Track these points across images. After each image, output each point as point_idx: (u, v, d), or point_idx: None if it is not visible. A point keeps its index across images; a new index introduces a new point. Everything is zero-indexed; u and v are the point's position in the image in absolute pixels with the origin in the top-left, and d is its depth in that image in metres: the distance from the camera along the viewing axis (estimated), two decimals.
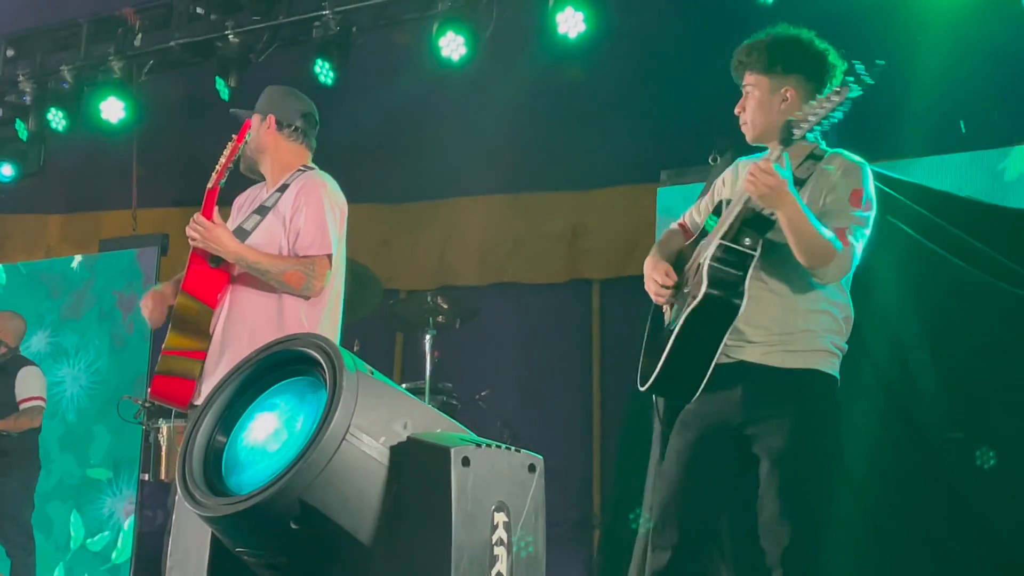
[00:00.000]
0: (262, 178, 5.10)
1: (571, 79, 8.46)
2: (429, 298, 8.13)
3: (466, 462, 2.96)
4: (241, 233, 4.87)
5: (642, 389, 4.23)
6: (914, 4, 7.01)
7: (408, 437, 3.06)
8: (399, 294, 9.97)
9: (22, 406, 8.18)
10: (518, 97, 8.58)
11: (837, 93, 3.92)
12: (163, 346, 4.79)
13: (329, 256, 4.77)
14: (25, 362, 8.51)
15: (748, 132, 4.28)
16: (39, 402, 8.32)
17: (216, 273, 4.79)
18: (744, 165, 4.30)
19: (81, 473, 9.31)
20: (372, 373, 3.11)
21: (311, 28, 8.01)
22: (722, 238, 3.98)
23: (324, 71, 7.91)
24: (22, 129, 9.19)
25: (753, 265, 3.96)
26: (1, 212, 10.88)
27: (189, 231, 4.73)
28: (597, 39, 7.32)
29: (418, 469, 3.00)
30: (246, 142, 4.86)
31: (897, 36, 7.19)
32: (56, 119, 8.93)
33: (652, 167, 7.99)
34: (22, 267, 10.16)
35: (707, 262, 3.96)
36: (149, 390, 5.45)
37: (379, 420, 3.05)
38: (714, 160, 6.74)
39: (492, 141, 9.22)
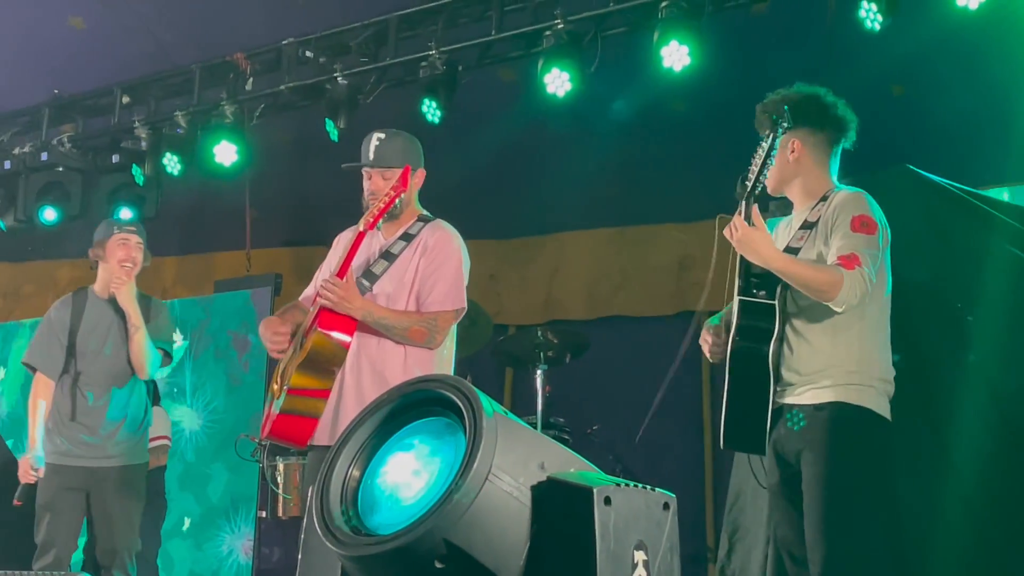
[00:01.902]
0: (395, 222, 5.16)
1: (676, 112, 8.47)
2: (539, 333, 8.17)
3: (608, 501, 2.99)
4: (370, 276, 4.96)
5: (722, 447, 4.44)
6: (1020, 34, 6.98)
7: (547, 477, 3.10)
8: (508, 329, 10.01)
9: (151, 445, 8.32)
10: (623, 131, 8.61)
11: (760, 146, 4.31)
12: (288, 386, 4.85)
13: (456, 311, 4.86)
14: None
15: (768, 184, 4.52)
16: (165, 441, 8.47)
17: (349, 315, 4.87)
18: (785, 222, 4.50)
19: (200, 511, 9.43)
20: (507, 414, 3.16)
21: (418, 68, 8.10)
22: (739, 295, 4.26)
23: (431, 110, 7.99)
24: (139, 174, 9.38)
25: (779, 312, 4.20)
26: None
27: (323, 291, 4.82)
28: (702, 72, 7.31)
29: (560, 508, 3.03)
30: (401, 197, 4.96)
31: (1006, 63, 7.15)
32: (171, 163, 9.10)
33: (760, 198, 7.96)
34: None
35: (735, 320, 4.25)
36: (268, 428, 5.54)
37: (518, 460, 3.09)
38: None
39: (598, 175, 9.26)
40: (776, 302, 4.23)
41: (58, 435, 6.27)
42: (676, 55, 7.25)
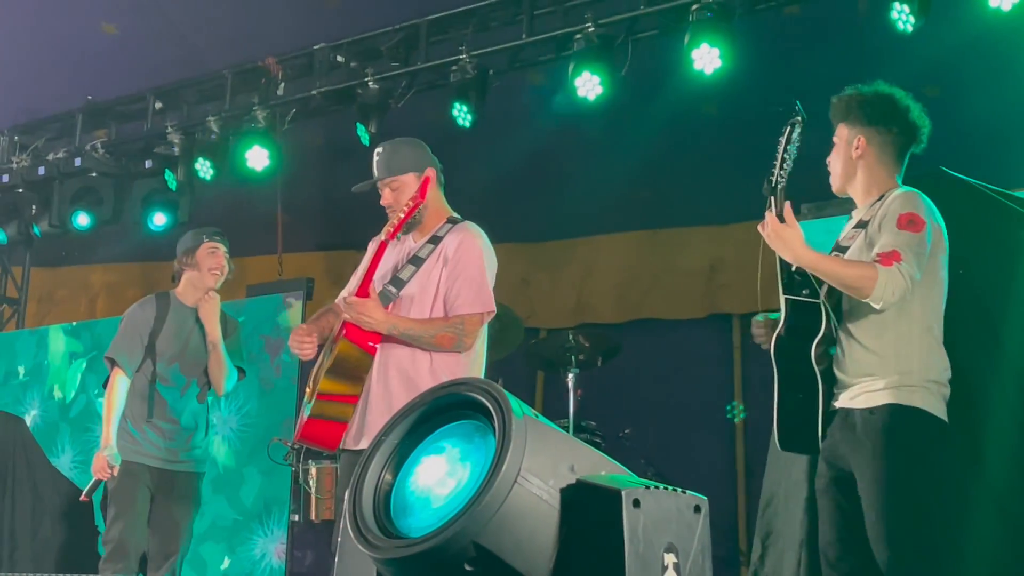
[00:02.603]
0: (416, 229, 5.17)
1: (707, 115, 8.46)
2: (570, 336, 8.16)
3: (636, 504, 2.98)
4: (397, 283, 4.97)
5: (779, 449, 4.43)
6: None
7: (577, 479, 3.09)
8: (539, 332, 10.01)
9: None
10: (654, 134, 8.60)
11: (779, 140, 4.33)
12: (317, 391, 4.88)
13: (483, 313, 4.85)
14: None
15: (832, 182, 4.55)
16: None
17: None
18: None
19: (233, 515, 9.45)
20: (537, 417, 3.16)
21: (448, 72, 8.12)
22: (784, 293, 4.22)
23: (462, 114, 8.01)
24: (171, 179, 9.44)
25: (825, 311, 4.17)
26: (150, 260, 11.15)
27: (345, 312, 4.88)
28: (733, 74, 7.30)
29: (588, 511, 3.03)
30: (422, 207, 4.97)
31: None
32: (203, 168, 9.16)
33: (792, 200, 7.94)
34: None
35: (781, 319, 4.23)
36: (299, 432, 5.56)
37: (547, 463, 3.09)
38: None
39: (628, 179, 9.26)
40: (821, 301, 4.18)
41: (133, 433, 6.28)
42: (707, 58, 7.24)
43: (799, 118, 4.28)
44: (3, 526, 7.75)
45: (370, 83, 8.39)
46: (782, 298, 4.19)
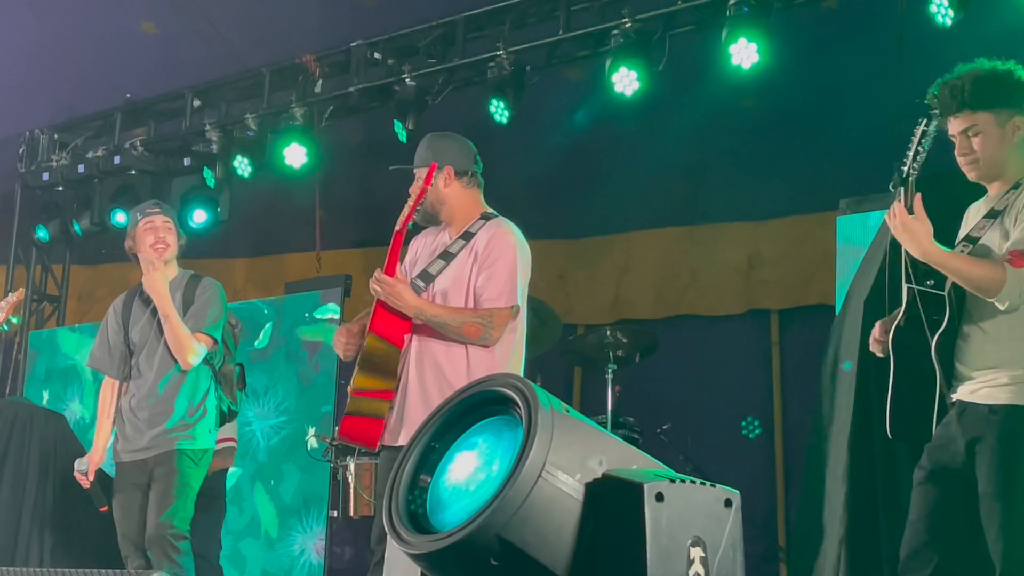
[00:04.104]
0: (439, 224, 5.18)
1: (745, 109, 8.43)
2: (608, 332, 8.15)
3: (660, 498, 2.97)
4: (426, 277, 4.97)
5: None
6: None
7: (603, 474, 3.08)
8: (577, 329, 9.99)
9: (217, 447, 8.38)
10: (692, 129, 8.58)
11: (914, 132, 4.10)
12: (350, 387, 4.90)
13: (511, 308, 4.84)
14: None
15: (975, 170, 4.23)
16: (231, 443, 8.51)
17: (401, 315, 4.90)
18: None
19: (272, 511, 9.49)
20: (567, 411, 3.15)
21: (486, 69, 8.13)
22: (907, 282, 4.09)
23: (499, 110, 8.01)
24: (210, 177, 9.48)
25: (949, 303, 4.04)
26: (189, 257, 11.20)
27: (372, 285, 4.85)
28: (772, 69, 7.28)
29: (613, 505, 3.02)
30: (432, 186, 4.95)
31: None
32: (242, 166, 9.19)
33: (830, 195, 7.90)
34: None
35: (903, 308, 4.10)
36: (338, 430, 5.57)
37: (574, 457, 3.08)
38: (895, 187, 6.65)
39: (666, 174, 9.24)
40: (946, 292, 4.07)
41: (120, 432, 6.16)
42: (745, 52, 7.22)
43: (936, 111, 4.13)
44: (44, 521, 7.79)
45: (407, 80, 8.41)
46: (905, 287, 4.07)
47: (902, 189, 4.07)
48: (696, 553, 2.97)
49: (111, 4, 9.11)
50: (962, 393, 4.10)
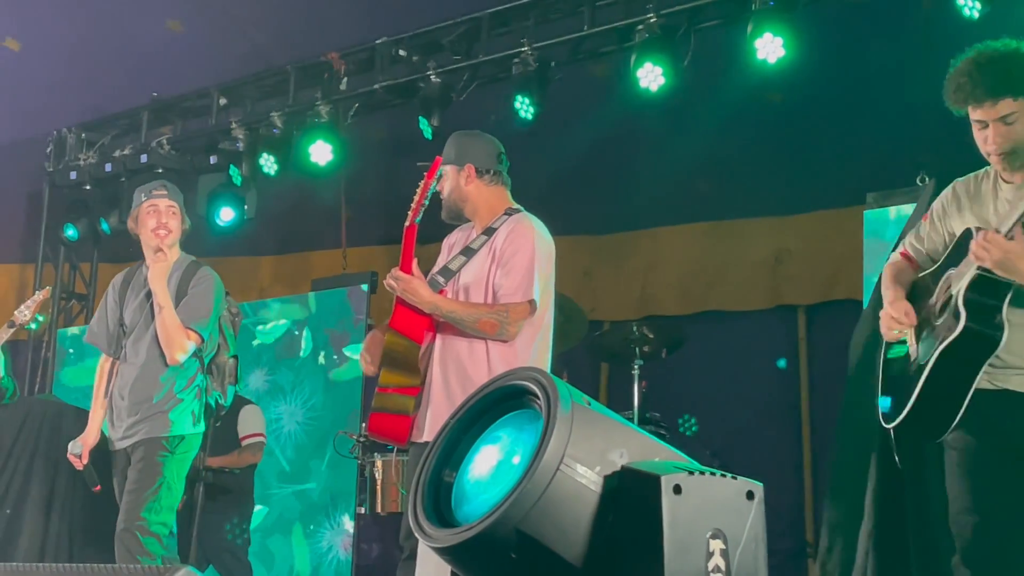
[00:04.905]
0: (467, 222, 5.21)
1: (771, 104, 8.40)
2: (634, 328, 8.14)
3: (678, 490, 2.96)
4: (446, 273, 5.00)
5: (888, 426, 4.26)
6: None
7: (622, 466, 3.08)
8: (603, 325, 9.98)
9: (244, 442, 8.40)
10: (717, 124, 8.55)
11: None
12: (377, 384, 4.93)
13: (528, 303, 4.84)
14: (245, 401, 8.75)
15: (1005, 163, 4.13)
16: (260, 438, 8.55)
17: (419, 311, 4.92)
18: (962, 186, 4.27)
19: (300, 508, 9.52)
20: (589, 404, 3.14)
21: (510, 65, 8.13)
22: (978, 269, 3.95)
23: (524, 107, 8.01)
24: (236, 175, 9.50)
25: (1010, 294, 3.93)
26: (216, 255, 11.24)
27: (388, 282, 4.89)
28: (797, 63, 7.25)
29: (631, 498, 3.02)
30: (438, 178, 4.97)
31: None
32: (268, 164, 9.22)
33: (857, 190, 7.88)
34: (243, 308, 10.44)
35: (962, 294, 3.97)
36: (366, 427, 5.58)
37: (594, 450, 3.07)
38: (922, 181, 6.63)
39: (692, 170, 9.21)
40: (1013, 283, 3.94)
41: (109, 419, 6.02)
42: (770, 47, 7.20)
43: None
44: (73, 518, 7.82)
45: (432, 77, 8.42)
46: (974, 272, 3.94)
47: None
48: (716, 546, 2.96)
49: (137, 3, 9.14)
50: (1017, 384, 4.04)
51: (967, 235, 4.11)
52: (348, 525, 9.12)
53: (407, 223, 4.91)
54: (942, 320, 4.07)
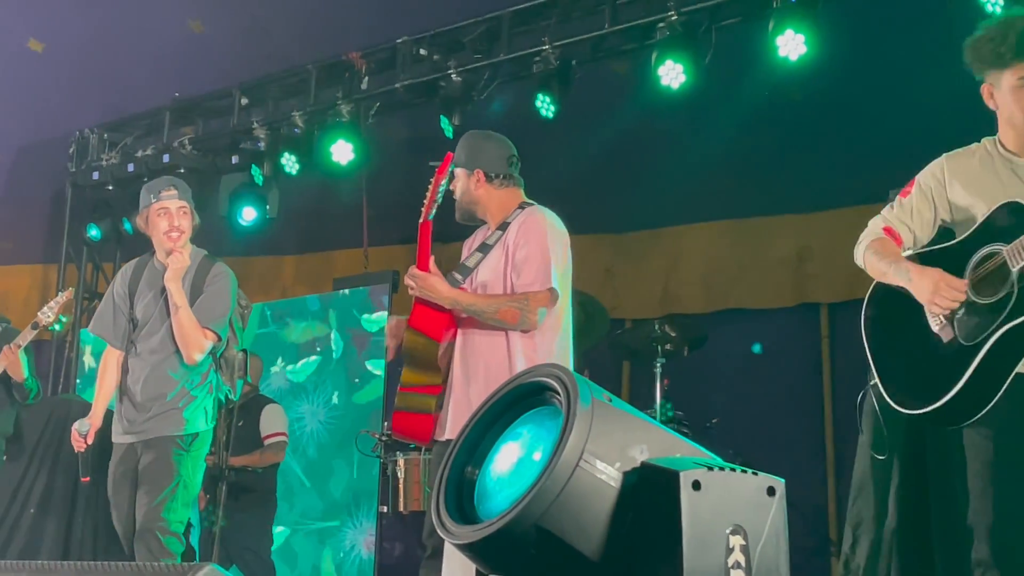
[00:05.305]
0: (480, 223, 5.25)
1: (793, 101, 8.36)
2: (656, 326, 8.14)
3: (697, 486, 2.94)
4: (463, 270, 5.04)
5: (914, 413, 4.14)
6: None
7: (641, 462, 3.07)
8: (624, 323, 9.97)
9: (267, 442, 8.43)
10: (739, 122, 8.52)
11: None
12: (399, 383, 4.95)
13: (548, 291, 4.84)
14: (267, 400, 8.78)
15: None
16: (282, 438, 8.57)
17: (438, 309, 4.94)
18: (957, 162, 4.23)
19: (323, 507, 9.53)
20: (610, 400, 3.14)
21: (531, 63, 8.12)
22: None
23: (545, 105, 8.00)
24: (258, 174, 9.53)
25: None
26: (238, 255, 11.27)
27: (406, 281, 4.93)
28: (819, 60, 7.22)
29: (651, 493, 3.00)
30: (450, 175, 4.99)
31: None
32: (289, 163, 9.24)
33: (879, 186, 7.83)
34: (266, 308, 10.47)
35: None
36: (388, 426, 5.57)
37: (614, 446, 3.06)
38: None
39: (713, 167, 9.19)
40: None
41: (116, 412, 5.99)
42: (792, 44, 7.18)
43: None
44: (97, 516, 7.86)
45: (453, 76, 8.42)
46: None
47: None
48: (736, 541, 2.94)
49: (158, 3, 9.16)
50: None
51: (1009, 209, 4.02)
52: (370, 524, 9.13)
53: (421, 220, 4.94)
54: (994, 299, 3.95)
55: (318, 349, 9.92)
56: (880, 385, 4.28)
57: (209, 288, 5.95)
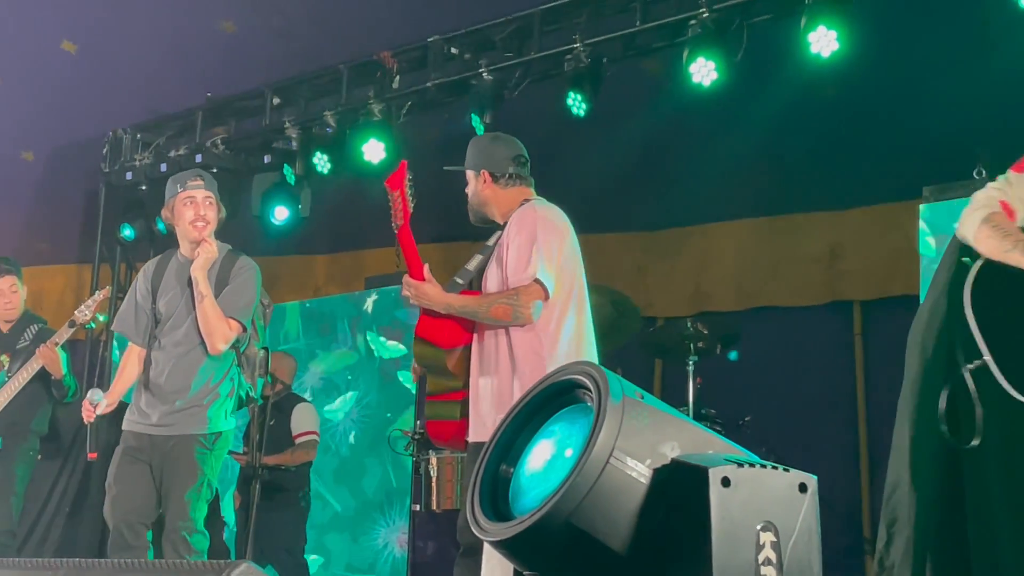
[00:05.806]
0: (492, 223, 5.28)
1: (825, 98, 8.33)
2: (688, 324, 8.12)
3: (726, 482, 2.95)
4: (464, 274, 5.13)
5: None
6: None
7: (672, 459, 3.07)
8: (656, 321, 9.95)
9: (298, 440, 8.45)
10: (771, 119, 8.51)
11: None
12: (426, 391, 5.02)
13: (534, 282, 4.84)
14: (299, 399, 8.81)
15: None
16: (314, 436, 8.59)
17: (442, 315, 5.01)
18: None
19: (356, 505, 9.55)
20: (642, 397, 3.14)
21: (563, 62, 8.12)
22: None
23: (576, 103, 7.99)
24: (290, 174, 9.56)
25: None
26: (271, 254, 11.30)
27: (403, 292, 5.06)
28: (851, 56, 7.20)
29: (681, 490, 3.01)
30: (409, 183, 5.05)
31: None
32: (321, 163, 9.27)
33: (913, 183, 7.80)
34: (297, 306, 10.50)
35: None
36: (421, 424, 5.59)
37: (645, 442, 3.07)
38: (979, 174, 6.56)
39: (745, 165, 9.17)
40: None
41: (135, 403, 5.93)
42: (824, 40, 7.16)
43: None
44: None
45: (484, 74, 8.43)
46: None
47: None
48: (767, 538, 2.94)
49: (191, 4, 9.20)
50: None
51: None
52: (403, 522, 9.14)
53: (395, 230, 5.01)
54: None
55: (350, 348, 9.94)
56: (995, 369, 4.18)
57: (235, 280, 5.92)
